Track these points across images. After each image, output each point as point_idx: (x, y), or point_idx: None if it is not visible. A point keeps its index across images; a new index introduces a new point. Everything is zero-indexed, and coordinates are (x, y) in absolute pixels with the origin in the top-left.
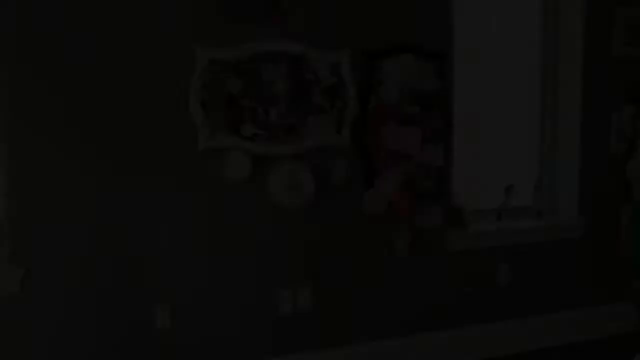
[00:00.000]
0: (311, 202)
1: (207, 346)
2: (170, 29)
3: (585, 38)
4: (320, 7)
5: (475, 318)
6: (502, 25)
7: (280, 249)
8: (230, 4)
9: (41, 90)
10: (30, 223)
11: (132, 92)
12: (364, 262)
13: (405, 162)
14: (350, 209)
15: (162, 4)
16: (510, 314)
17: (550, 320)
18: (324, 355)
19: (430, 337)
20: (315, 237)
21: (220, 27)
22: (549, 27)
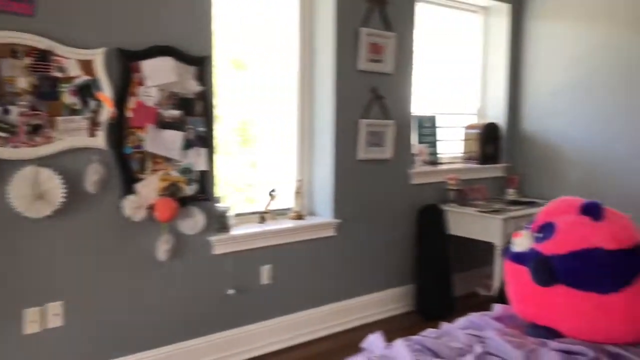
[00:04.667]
0: (61, 211)
1: None
2: None
3: (336, 54)
4: (72, 1)
5: (240, 319)
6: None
7: (26, 260)
8: None
9: None
10: None
11: None
12: (126, 269)
13: (166, 166)
14: (108, 216)
15: None
16: (276, 312)
17: (316, 314)
18: None
19: (196, 343)
20: (67, 247)
21: None
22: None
